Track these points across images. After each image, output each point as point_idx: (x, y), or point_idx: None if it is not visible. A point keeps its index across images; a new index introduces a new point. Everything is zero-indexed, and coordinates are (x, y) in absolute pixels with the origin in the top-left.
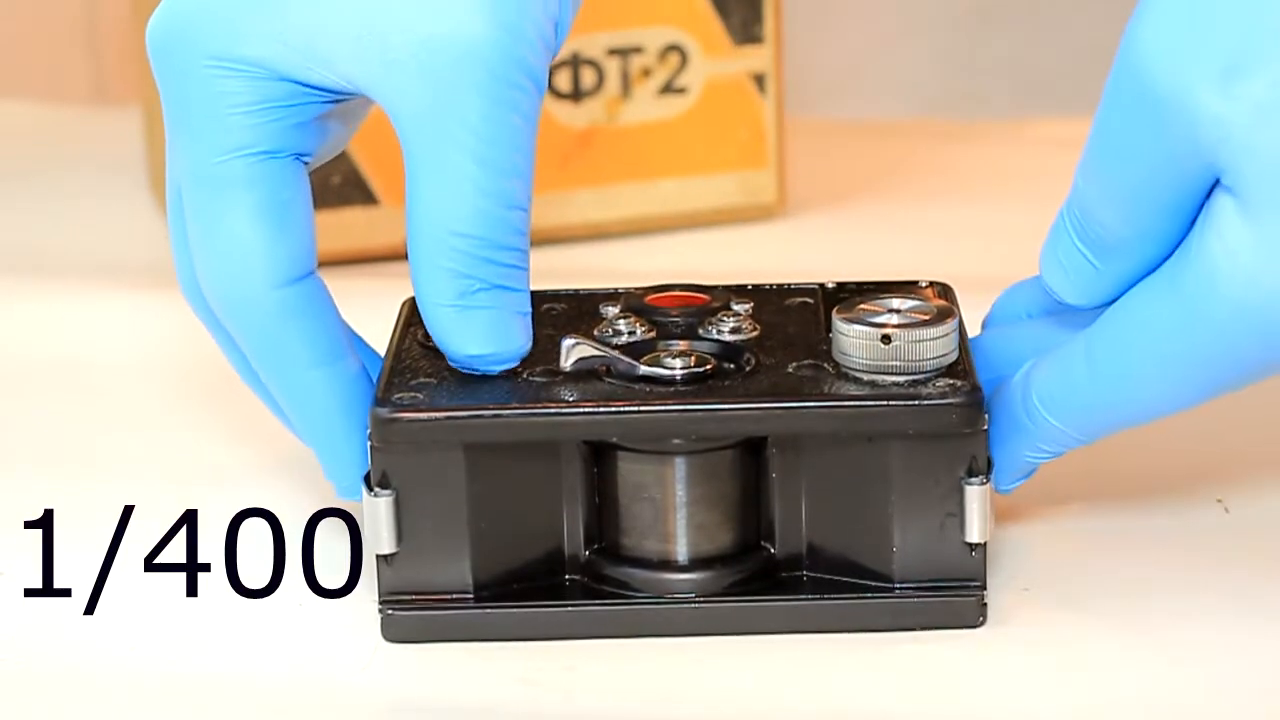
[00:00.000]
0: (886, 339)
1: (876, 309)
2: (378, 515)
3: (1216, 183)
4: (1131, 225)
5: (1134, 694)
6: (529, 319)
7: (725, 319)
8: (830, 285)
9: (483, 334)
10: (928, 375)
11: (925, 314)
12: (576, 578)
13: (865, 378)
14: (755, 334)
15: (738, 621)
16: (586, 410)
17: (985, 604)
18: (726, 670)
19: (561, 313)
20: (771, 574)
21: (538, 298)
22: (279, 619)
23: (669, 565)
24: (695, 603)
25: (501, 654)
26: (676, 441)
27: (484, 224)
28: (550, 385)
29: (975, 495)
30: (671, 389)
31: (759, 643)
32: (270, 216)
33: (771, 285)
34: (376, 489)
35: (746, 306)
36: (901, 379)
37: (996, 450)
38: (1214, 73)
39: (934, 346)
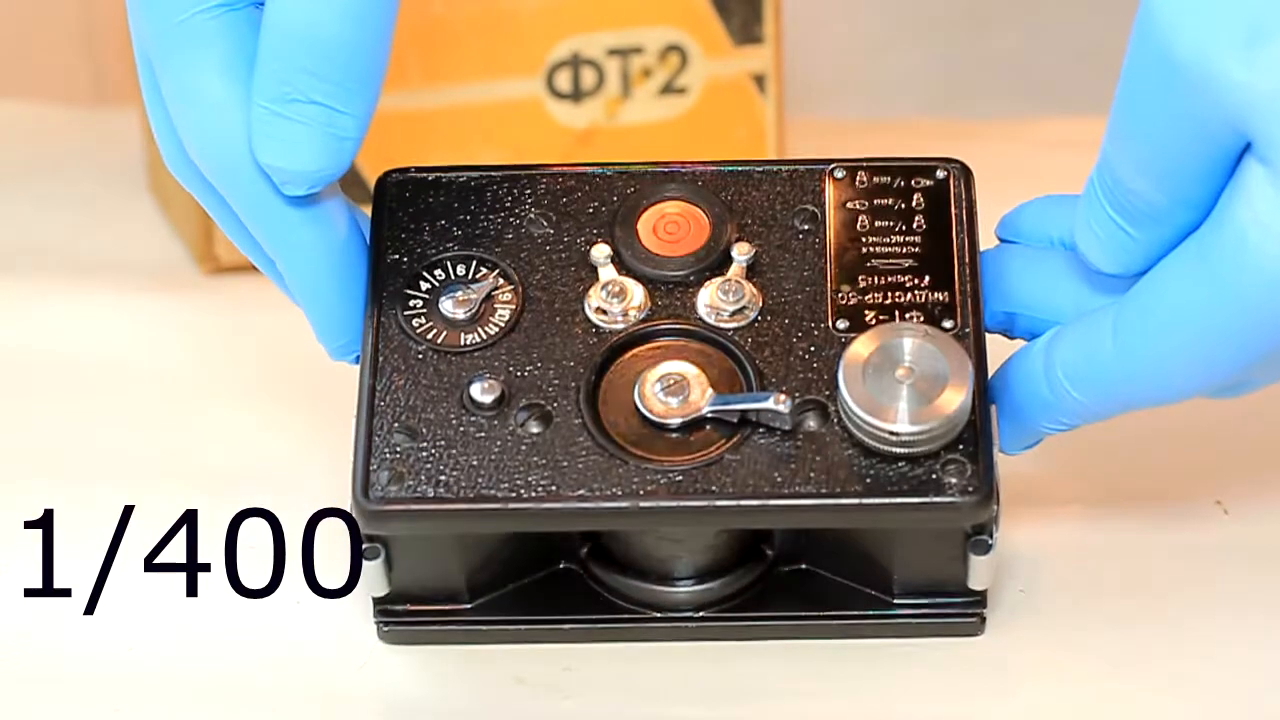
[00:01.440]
0: (895, 435)
1: (886, 361)
2: (368, 572)
3: (1248, 147)
4: (1165, 193)
5: (1133, 696)
6: (347, 145)
7: (725, 290)
8: (839, 174)
9: (283, 145)
10: (936, 449)
11: (938, 378)
12: (573, 567)
13: (869, 443)
14: (759, 306)
15: (734, 636)
16: (578, 507)
17: (984, 619)
18: (724, 672)
19: (549, 243)
20: (770, 576)
21: (519, 186)
22: (278, 619)
23: (666, 579)
24: (693, 621)
25: (498, 654)
26: None
27: (319, 39)
28: (539, 444)
29: (980, 562)
30: (664, 476)
31: (757, 645)
32: (239, 68)
33: (774, 170)
34: (366, 550)
35: (747, 256)
36: (905, 454)
37: (1012, 419)
38: (1238, 39)
39: (943, 427)
